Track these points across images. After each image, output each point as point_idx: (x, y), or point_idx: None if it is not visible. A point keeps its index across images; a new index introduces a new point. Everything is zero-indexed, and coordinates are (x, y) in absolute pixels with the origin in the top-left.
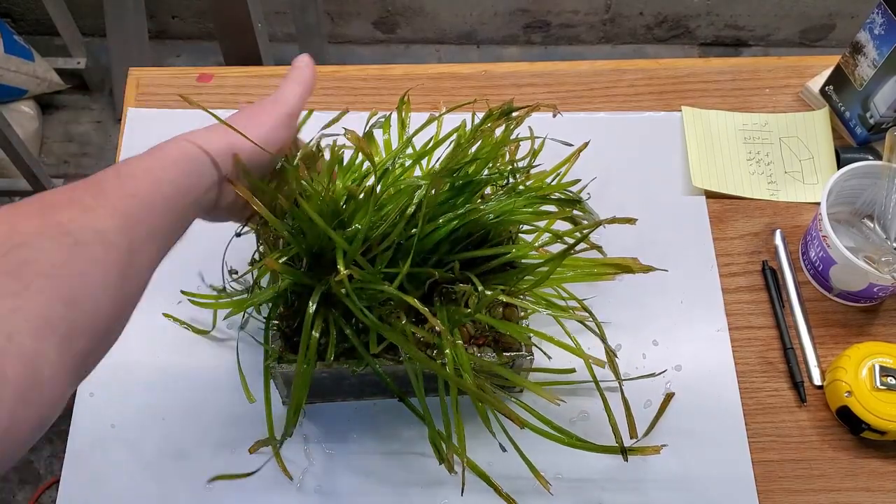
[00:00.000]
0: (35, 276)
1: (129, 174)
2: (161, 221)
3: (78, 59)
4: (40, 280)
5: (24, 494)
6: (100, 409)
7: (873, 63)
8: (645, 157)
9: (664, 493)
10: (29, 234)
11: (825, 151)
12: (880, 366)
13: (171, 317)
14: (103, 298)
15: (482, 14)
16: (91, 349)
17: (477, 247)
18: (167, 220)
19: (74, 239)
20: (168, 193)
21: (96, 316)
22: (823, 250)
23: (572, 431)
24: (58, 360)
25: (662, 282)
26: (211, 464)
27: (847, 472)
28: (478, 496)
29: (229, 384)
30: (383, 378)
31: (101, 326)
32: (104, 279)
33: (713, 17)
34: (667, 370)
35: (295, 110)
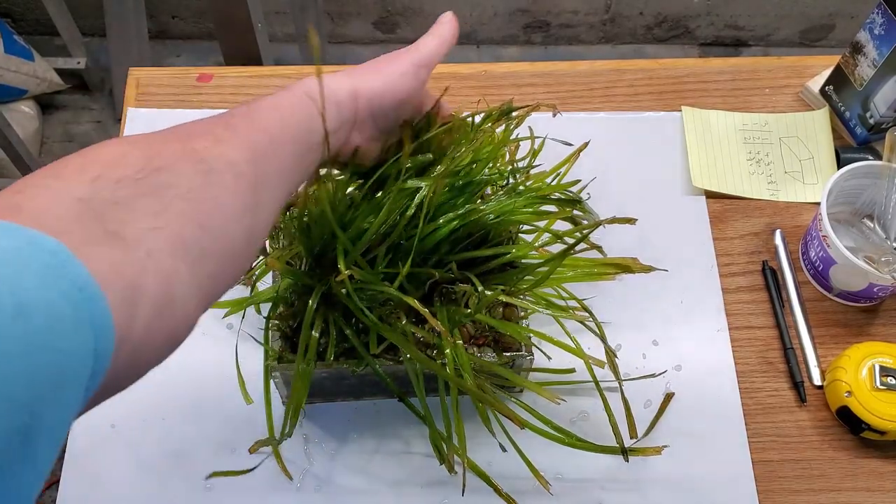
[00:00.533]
0: (174, 198)
1: (258, 111)
2: (288, 158)
3: (78, 59)
4: (178, 202)
5: None
6: (100, 409)
7: (873, 63)
8: (645, 157)
9: (664, 493)
10: (169, 158)
11: (825, 151)
12: (880, 366)
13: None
14: (232, 224)
15: (482, 14)
16: (218, 273)
17: (477, 247)
18: (294, 158)
19: (209, 166)
20: (295, 131)
21: (225, 241)
22: (823, 250)
23: (572, 431)
24: (190, 279)
25: (662, 282)
26: (211, 464)
27: (847, 472)
28: (478, 496)
29: (229, 384)
30: (383, 378)
31: (228, 251)
32: (234, 206)
33: (713, 17)
34: (667, 370)
35: (425, 60)
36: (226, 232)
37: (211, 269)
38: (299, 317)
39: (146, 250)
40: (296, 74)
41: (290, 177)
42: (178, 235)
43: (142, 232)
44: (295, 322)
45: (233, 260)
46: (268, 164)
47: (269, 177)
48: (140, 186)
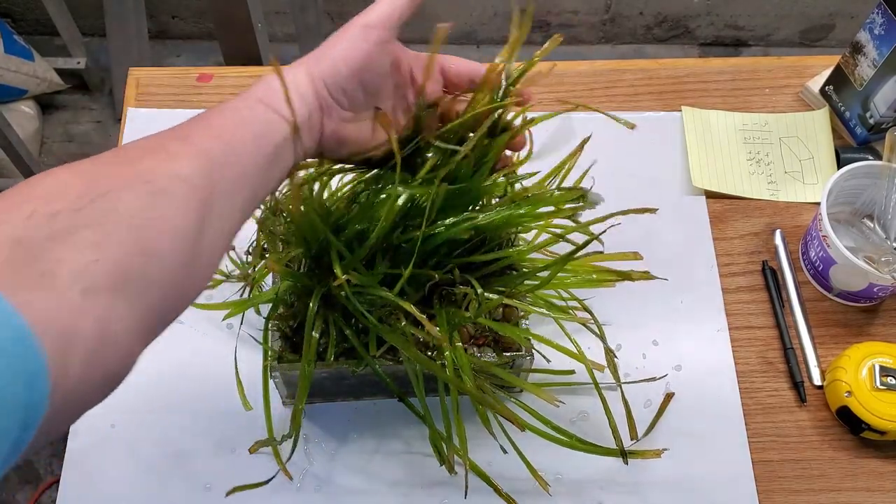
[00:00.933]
0: (115, 226)
1: (215, 117)
2: (248, 165)
3: (78, 59)
4: (120, 230)
5: (24, 494)
6: (100, 409)
7: (873, 63)
8: (645, 157)
9: (664, 494)
10: (113, 183)
11: (825, 151)
12: (880, 366)
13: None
14: (182, 244)
15: (482, 14)
16: (163, 304)
17: (476, 248)
18: (255, 163)
19: (157, 186)
20: (257, 132)
21: (174, 263)
22: (823, 250)
23: (572, 432)
24: (129, 314)
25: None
26: (211, 464)
27: (847, 472)
28: (478, 496)
29: (230, 384)
30: (383, 378)
31: (178, 274)
32: (184, 226)
33: (713, 17)
34: (667, 371)
35: (373, 21)
36: (175, 254)
37: (155, 298)
38: (299, 317)
39: (81, 289)
40: None
41: (252, 182)
42: (118, 266)
43: (78, 269)
44: (295, 322)
45: (184, 282)
46: (225, 172)
47: (226, 185)
48: (79, 217)
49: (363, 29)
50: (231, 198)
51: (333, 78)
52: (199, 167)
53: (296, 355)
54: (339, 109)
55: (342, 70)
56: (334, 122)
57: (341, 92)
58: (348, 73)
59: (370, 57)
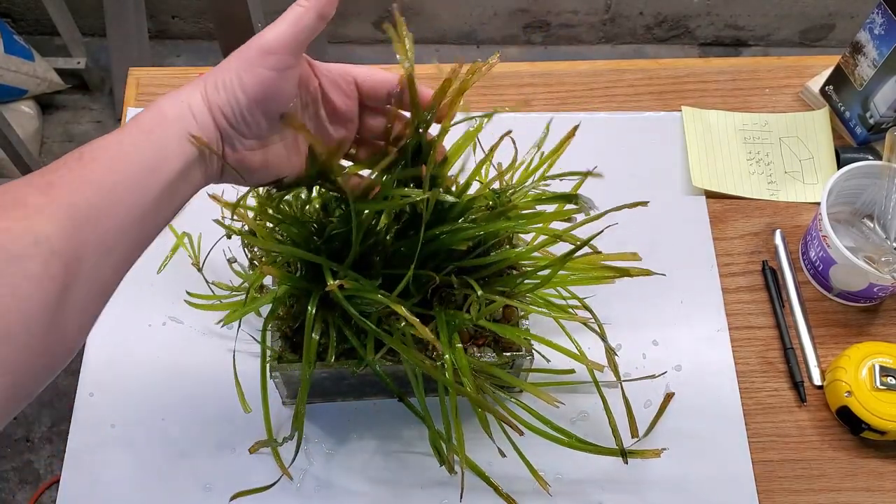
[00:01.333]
0: None
1: (92, 155)
2: (133, 209)
3: (78, 59)
4: None
5: (24, 494)
6: (100, 409)
7: (873, 63)
8: (645, 157)
9: (664, 493)
10: None
11: (825, 151)
12: (880, 366)
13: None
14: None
15: (482, 14)
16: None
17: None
18: (143, 204)
19: (8, 253)
20: (145, 168)
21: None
22: (823, 250)
23: (572, 432)
24: None
25: (662, 282)
26: (211, 464)
27: (847, 471)
28: (478, 495)
29: (229, 384)
30: (383, 378)
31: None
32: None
33: (713, 17)
34: (667, 370)
35: (269, 46)
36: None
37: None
38: (299, 318)
39: None
40: None
41: (134, 231)
42: None
43: None
44: (295, 323)
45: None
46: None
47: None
48: None
49: (261, 55)
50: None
51: (232, 108)
52: (63, 225)
53: (296, 355)
54: (242, 139)
55: (241, 99)
56: (238, 152)
57: (242, 122)
58: (248, 103)
59: (271, 84)
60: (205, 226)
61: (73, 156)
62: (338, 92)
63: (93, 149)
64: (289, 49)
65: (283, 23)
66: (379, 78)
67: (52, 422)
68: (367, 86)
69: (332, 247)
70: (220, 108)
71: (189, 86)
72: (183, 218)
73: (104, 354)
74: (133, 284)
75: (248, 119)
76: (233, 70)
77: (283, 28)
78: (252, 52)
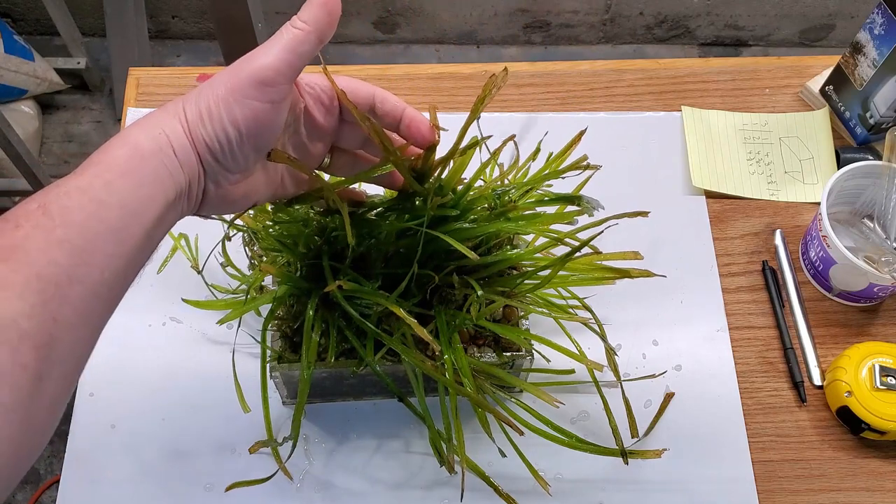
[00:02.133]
0: None
1: (60, 206)
2: (108, 266)
3: (78, 59)
4: None
5: (24, 494)
6: (100, 410)
7: (873, 63)
8: (645, 157)
9: (664, 493)
10: None
11: (825, 151)
12: (880, 366)
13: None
14: (7, 416)
15: (482, 14)
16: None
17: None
18: (121, 255)
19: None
20: (115, 223)
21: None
22: (823, 250)
23: (573, 431)
24: None
25: (662, 282)
26: (211, 464)
27: (847, 472)
28: (478, 495)
29: (229, 384)
30: (383, 378)
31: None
32: (11, 397)
33: (713, 17)
34: (667, 370)
35: (269, 77)
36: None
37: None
38: (299, 318)
39: None
40: None
41: (112, 288)
42: None
43: None
44: (295, 323)
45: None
46: (72, 293)
47: (74, 310)
48: None
49: (256, 86)
50: (81, 324)
51: (220, 143)
52: (32, 302)
53: (296, 356)
54: (228, 174)
55: (231, 135)
56: (222, 188)
57: (230, 158)
58: (239, 139)
59: (265, 118)
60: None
61: (37, 208)
62: (320, 108)
63: (59, 197)
64: (286, 79)
65: (278, 47)
66: (362, 91)
67: None
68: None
69: (333, 247)
70: (205, 142)
71: (164, 112)
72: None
73: (104, 354)
74: (133, 285)
75: (237, 155)
76: (221, 100)
77: (278, 55)
78: (245, 83)
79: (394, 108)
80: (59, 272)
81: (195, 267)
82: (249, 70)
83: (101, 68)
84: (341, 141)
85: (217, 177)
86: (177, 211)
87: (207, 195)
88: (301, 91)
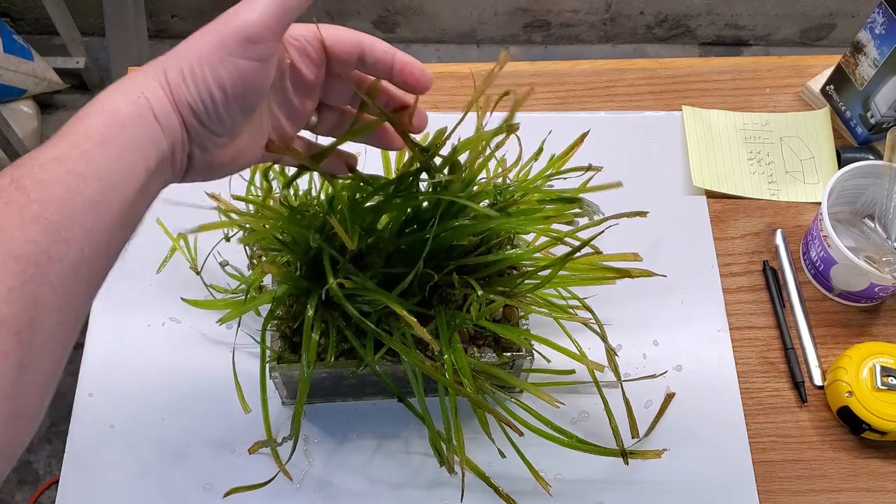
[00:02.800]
0: None
1: (33, 180)
2: (83, 243)
3: (77, 59)
4: None
5: (24, 495)
6: (99, 410)
7: (874, 63)
8: (645, 157)
9: (664, 494)
10: None
11: (826, 151)
12: (881, 366)
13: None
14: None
15: (482, 14)
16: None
17: (475, 248)
18: (97, 230)
19: None
20: (95, 191)
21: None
22: (824, 250)
23: (573, 432)
24: None
25: (663, 282)
26: (210, 464)
27: (848, 472)
28: (478, 495)
29: (229, 384)
30: (383, 378)
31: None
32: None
33: (714, 16)
34: (667, 370)
35: (256, 33)
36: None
37: None
38: (299, 318)
39: None
40: None
41: (91, 264)
42: None
43: None
44: (295, 323)
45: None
46: (48, 274)
47: (52, 291)
48: None
49: (243, 43)
50: (63, 306)
51: (205, 105)
52: (10, 284)
53: (295, 356)
54: (214, 137)
55: (217, 96)
56: (209, 152)
57: (216, 121)
58: (226, 101)
59: (254, 77)
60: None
61: (9, 184)
62: (306, 61)
63: (34, 171)
64: (274, 35)
65: (266, 2)
66: (348, 41)
67: (51, 422)
68: (337, 50)
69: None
70: (189, 104)
71: (144, 73)
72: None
73: (104, 354)
74: (133, 284)
75: (224, 117)
76: (204, 59)
77: (266, 8)
78: (230, 40)
79: (384, 54)
80: (38, 251)
81: (194, 268)
82: (234, 26)
83: (100, 68)
84: (329, 97)
85: (203, 141)
86: (160, 180)
87: (193, 161)
88: (286, 44)
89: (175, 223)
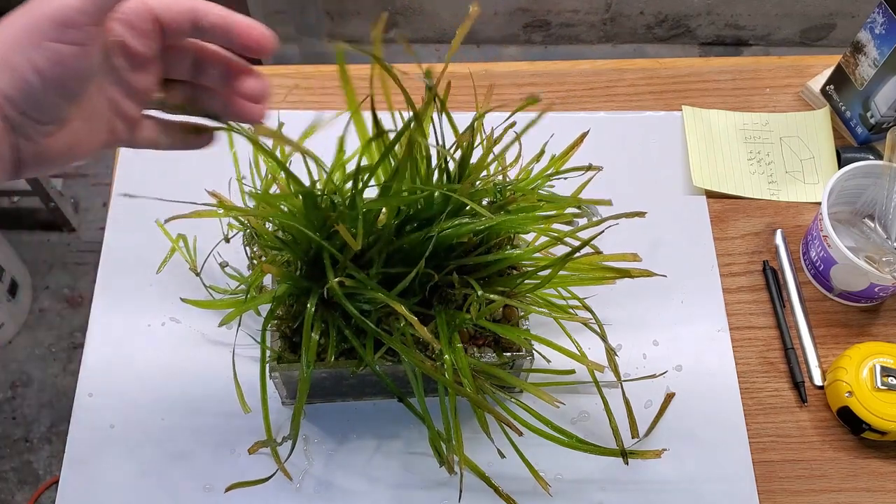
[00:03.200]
0: None
1: None
2: None
3: None
4: None
5: (24, 495)
6: (99, 410)
7: (874, 63)
8: (645, 157)
9: (664, 494)
10: None
11: (826, 151)
12: (881, 366)
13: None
14: None
15: (482, 14)
16: None
17: (475, 248)
18: None
19: None
20: None
21: None
22: (824, 250)
23: (573, 432)
24: None
25: (663, 282)
26: (210, 464)
27: (848, 472)
28: (478, 496)
29: (229, 384)
30: (383, 378)
31: None
32: None
33: (714, 16)
34: (667, 370)
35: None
36: None
37: None
38: (299, 318)
39: None
40: (295, 74)
41: None
42: None
43: None
44: (295, 323)
45: None
46: None
47: None
48: None
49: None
50: None
51: (21, 92)
52: None
53: (295, 356)
54: (38, 125)
55: (33, 82)
56: (36, 142)
57: (35, 108)
58: (43, 87)
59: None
60: (202, 225)
61: None
62: (134, 34)
63: None
64: (91, 18)
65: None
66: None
67: (51, 422)
68: (168, 19)
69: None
70: (3, 93)
71: None
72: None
73: (103, 355)
74: (132, 285)
75: (43, 104)
76: (17, 45)
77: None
78: (43, 23)
79: (219, 18)
80: None
81: (193, 269)
82: (47, 9)
83: None
84: (172, 70)
85: (27, 130)
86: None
87: (22, 153)
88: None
89: (175, 223)
